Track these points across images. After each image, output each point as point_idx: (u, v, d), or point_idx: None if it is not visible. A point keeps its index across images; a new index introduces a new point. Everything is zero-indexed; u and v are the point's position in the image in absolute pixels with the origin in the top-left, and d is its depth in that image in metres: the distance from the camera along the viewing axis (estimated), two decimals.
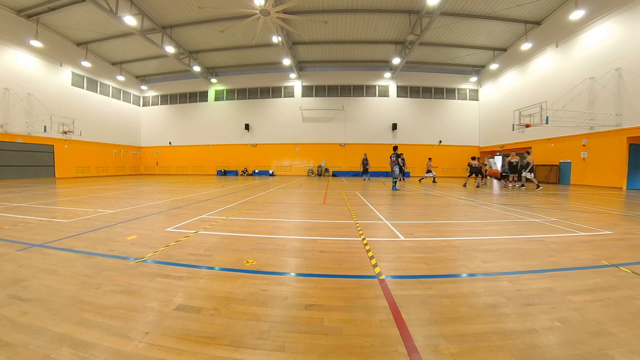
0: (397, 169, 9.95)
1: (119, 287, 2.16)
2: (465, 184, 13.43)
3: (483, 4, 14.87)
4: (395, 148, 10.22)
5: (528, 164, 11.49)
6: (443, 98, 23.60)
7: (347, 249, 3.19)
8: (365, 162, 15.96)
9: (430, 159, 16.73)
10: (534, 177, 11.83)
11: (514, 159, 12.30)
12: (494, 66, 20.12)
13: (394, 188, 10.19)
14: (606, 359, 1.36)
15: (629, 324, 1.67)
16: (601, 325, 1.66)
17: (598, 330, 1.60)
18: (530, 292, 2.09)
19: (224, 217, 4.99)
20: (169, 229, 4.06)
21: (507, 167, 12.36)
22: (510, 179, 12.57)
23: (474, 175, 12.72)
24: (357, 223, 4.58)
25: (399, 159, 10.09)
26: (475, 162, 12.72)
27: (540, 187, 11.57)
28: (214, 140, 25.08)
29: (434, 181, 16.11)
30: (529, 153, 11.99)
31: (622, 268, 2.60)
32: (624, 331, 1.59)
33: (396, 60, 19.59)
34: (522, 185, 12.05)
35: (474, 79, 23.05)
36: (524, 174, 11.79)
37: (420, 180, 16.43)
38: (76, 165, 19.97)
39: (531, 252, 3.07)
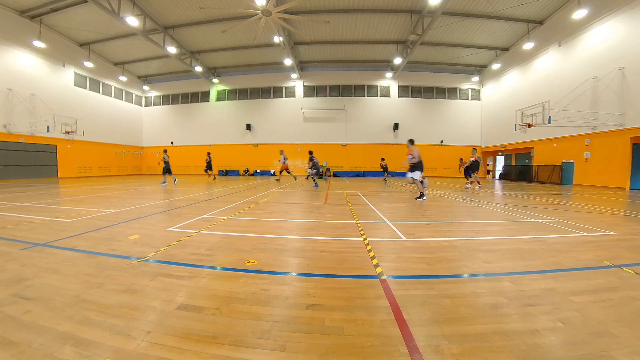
0: (312, 169, 12.40)
1: (121, 286, 2.17)
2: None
3: (485, 4, 14.82)
4: (310, 152, 12.51)
5: (476, 161, 11.65)
6: (445, 98, 23.55)
7: (349, 249, 3.19)
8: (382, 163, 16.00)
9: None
10: (470, 176, 12.15)
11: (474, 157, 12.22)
12: (495, 66, 20.05)
13: (315, 185, 11.99)
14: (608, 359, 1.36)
15: (631, 325, 1.66)
16: (603, 326, 1.65)
17: (600, 331, 1.59)
18: (532, 293, 2.08)
19: (226, 217, 5.00)
20: (170, 229, 4.07)
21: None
22: (473, 179, 12.37)
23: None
24: (358, 223, 4.58)
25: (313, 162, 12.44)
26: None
27: (469, 188, 11.63)
28: (216, 140, 25.13)
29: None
30: (475, 150, 12.13)
31: (624, 269, 2.58)
32: (626, 332, 1.58)
33: (398, 60, 19.55)
34: (478, 184, 12.05)
35: (475, 78, 22.98)
36: (473, 176, 11.84)
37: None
38: (79, 165, 20.08)
39: (533, 253, 3.05)
